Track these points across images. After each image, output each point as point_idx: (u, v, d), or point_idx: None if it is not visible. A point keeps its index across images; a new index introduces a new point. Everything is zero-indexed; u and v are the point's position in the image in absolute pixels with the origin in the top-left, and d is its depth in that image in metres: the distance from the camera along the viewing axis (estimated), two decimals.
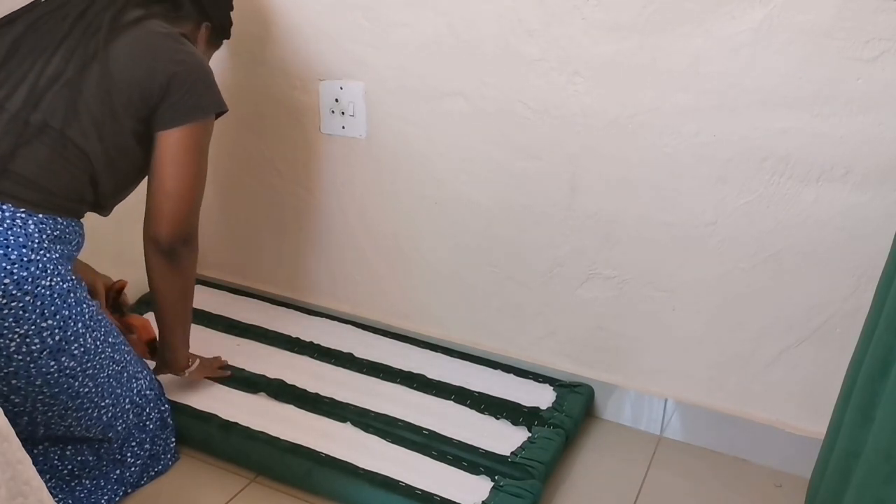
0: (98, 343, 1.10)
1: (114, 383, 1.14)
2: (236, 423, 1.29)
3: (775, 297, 1.24)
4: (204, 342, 1.51)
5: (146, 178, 1.20)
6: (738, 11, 1.11)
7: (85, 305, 1.09)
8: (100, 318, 1.12)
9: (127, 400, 1.17)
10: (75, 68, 1.07)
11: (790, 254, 1.20)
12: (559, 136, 1.30)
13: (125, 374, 1.17)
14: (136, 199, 1.24)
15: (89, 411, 1.11)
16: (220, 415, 1.31)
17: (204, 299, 1.71)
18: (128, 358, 1.19)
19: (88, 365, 1.08)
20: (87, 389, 1.09)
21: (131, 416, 1.19)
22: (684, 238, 1.27)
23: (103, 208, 1.19)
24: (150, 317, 1.44)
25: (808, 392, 1.27)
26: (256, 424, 1.29)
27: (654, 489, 1.27)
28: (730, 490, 1.27)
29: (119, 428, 1.17)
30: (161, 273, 1.22)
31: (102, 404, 1.13)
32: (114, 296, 1.38)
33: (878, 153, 1.09)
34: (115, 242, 1.51)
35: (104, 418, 1.14)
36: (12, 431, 0.75)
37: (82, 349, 1.07)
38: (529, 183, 1.36)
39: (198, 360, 1.38)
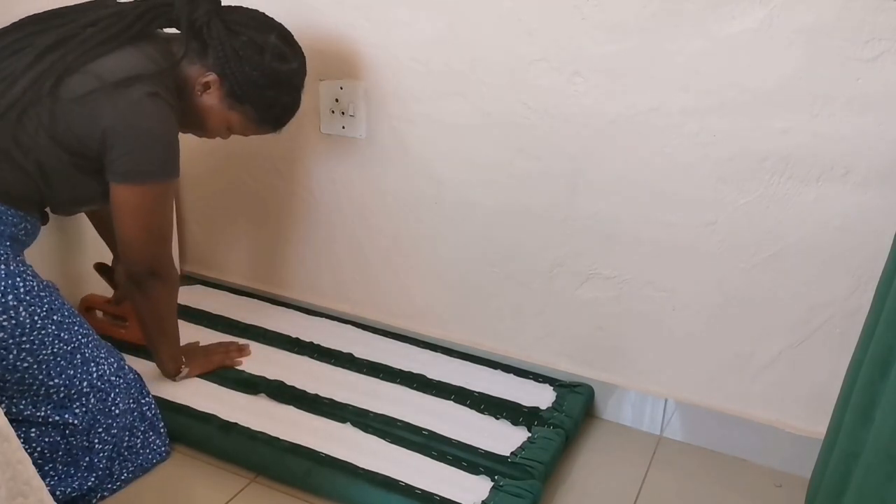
0: (36, 318, 1.09)
1: (63, 363, 1.13)
2: (236, 424, 1.29)
3: (775, 296, 1.24)
4: (204, 342, 1.51)
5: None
6: (738, 11, 1.11)
7: (20, 279, 1.09)
8: (43, 294, 1.11)
9: (84, 383, 1.15)
10: (29, 100, 1.10)
11: (790, 254, 1.20)
12: (559, 136, 1.30)
13: (78, 356, 1.15)
14: None
15: (34, 388, 1.11)
16: (219, 415, 1.31)
17: (204, 299, 1.71)
18: (83, 340, 1.17)
19: (24, 339, 1.08)
20: (26, 364, 1.09)
21: (92, 401, 1.16)
22: (684, 238, 1.27)
23: (56, 212, 1.23)
24: None
25: (808, 392, 1.27)
26: (256, 425, 1.29)
27: (654, 489, 1.27)
28: (730, 490, 1.27)
29: (77, 410, 1.15)
30: (133, 299, 1.29)
31: (51, 383, 1.12)
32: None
33: (878, 153, 1.09)
34: None
35: (55, 398, 1.13)
36: (12, 431, 0.75)
37: (13, 322, 1.07)
38: (529, 183, 1.36)
39: (186, 369, 1.40)
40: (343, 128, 1.51)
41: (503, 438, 1.29)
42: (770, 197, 1.18)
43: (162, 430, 1.27)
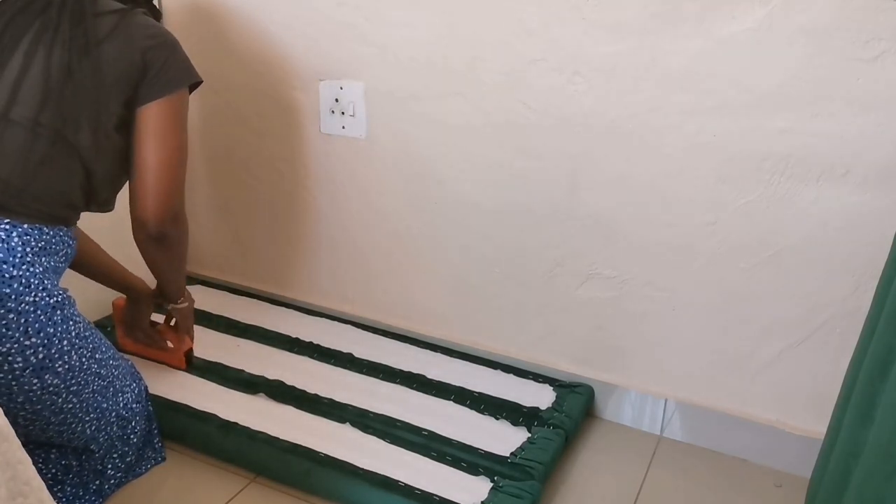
0: (84, 360, 1.07)
1: (99, 398, 1.12)
2: (236, 424, 1.29)
3: (775, 297, 1.24)
4: (204, 342, 1.51)
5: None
6: (738, 11, 1.11)
7: (72, 323, 1.05)
8: (87, 334, 1.09)
9: (113, 413, 1.15)
10: (60, 63, 1.05)
11: (790, 254, 1.20)
12: (559, 136, 1.30)
13: (111, 389, 1.15)
14: None
15: (72, 425, 1.09)
16: (219, 415, 1.31)
17: (204, 299, 1.71)
18: (115, 373, 1.16)
19: (73, 382, 1.06)
20: (70, 405, 1.07)
21: (115, 429, 1.17)
22: (684, 238, 1.27)
23: (103, 204, 1.17)
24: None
25: (808, 392, 1.27)
26: (256, 425, 1.29)
27: (654, 489, 1.27)
28: (730, 490, 1.27)
29: (101, 439, 1.15)
30: (153, 254, 1.23)
31: (87, 419, 1.11)
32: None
33: (878, 153, 1.09)
34: (122, 246, 1.51)
35: (87, 431, 1.12)
36: (12, 431, 0.75)
37: (66, 366, 1.04)
38: (529, 183, 1.36)
39: (188, 303, 1.40)
40: (343, 128, 1.51)
41: (503, 439, 1.29)
42: (770, 197, 1.18)
43: (157, 445, 1.28)
